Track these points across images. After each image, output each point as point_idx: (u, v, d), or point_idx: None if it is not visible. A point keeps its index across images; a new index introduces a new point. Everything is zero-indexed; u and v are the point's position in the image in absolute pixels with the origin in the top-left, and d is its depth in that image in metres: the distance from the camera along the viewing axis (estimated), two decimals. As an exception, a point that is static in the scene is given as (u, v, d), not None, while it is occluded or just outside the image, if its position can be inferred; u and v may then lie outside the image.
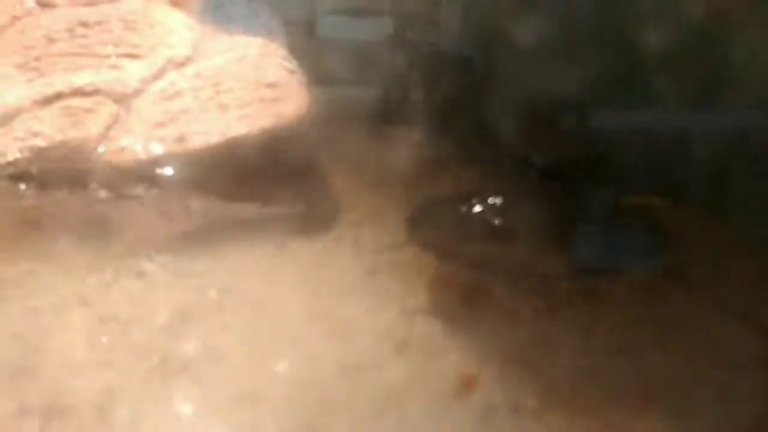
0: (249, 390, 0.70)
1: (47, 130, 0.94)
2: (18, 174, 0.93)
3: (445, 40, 1.34)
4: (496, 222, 0.90)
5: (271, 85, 1.02)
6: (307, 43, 1.27)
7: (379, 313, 0.81)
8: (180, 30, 1.08)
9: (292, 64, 1.08)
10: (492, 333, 0.78)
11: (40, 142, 0.93)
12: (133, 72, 1.01)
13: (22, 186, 0.93)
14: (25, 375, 0.69)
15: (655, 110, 1.09)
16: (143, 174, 0.93)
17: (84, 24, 1.06)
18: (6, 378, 0.68)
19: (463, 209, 0.92)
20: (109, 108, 0.97)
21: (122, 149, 0.94)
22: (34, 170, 0.93)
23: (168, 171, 0.93)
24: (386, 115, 1.28)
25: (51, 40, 1.04)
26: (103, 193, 0.92)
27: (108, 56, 1.03)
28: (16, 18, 1.08)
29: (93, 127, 0.95)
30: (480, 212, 0.91)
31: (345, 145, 1.14)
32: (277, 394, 0.70)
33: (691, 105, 1.04)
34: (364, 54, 1.32)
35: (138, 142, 0.94)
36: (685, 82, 1.03)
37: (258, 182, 0.96)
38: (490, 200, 0.92)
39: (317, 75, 1.13)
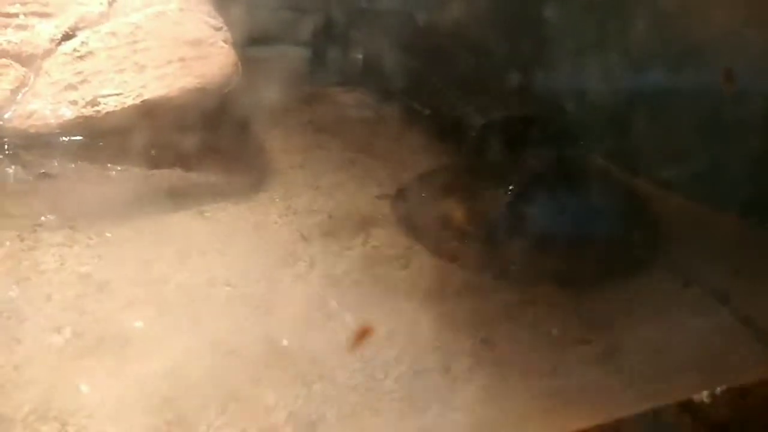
0: (169, 366, 0.65)
1: (-51, 96, 0.86)
2: None
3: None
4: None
5: (193, 43, 0.96)
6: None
7: (305, 282, 0.77)
8: (94, -15, 1.00)
9: (217, 21, 1.02)
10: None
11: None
12: (43, 32, 0.94)
13: None
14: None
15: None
16: (54, 140, 0.86)
17: (-11, -19, 0.98)
18: None
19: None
20: (16, 71, 0.90)
21: (30, 114, 0.87)
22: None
23: (80, 137, 0.87)
24: (324, 76, 1.22)
25: (-47, -1, 0.96)
26: (10, 162, 0.85)
27: (15, 15, 0.95)
28: None
29: (-2, 91, 0.87)
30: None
31: (280, 109, 1.08)
32: (198, 368, 0.66)
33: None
34: (298, 10, 1.25)
35: (47, 106, 0.87)
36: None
37: (184, 148, 0.90)
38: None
39: (247, 33, 1.06)
